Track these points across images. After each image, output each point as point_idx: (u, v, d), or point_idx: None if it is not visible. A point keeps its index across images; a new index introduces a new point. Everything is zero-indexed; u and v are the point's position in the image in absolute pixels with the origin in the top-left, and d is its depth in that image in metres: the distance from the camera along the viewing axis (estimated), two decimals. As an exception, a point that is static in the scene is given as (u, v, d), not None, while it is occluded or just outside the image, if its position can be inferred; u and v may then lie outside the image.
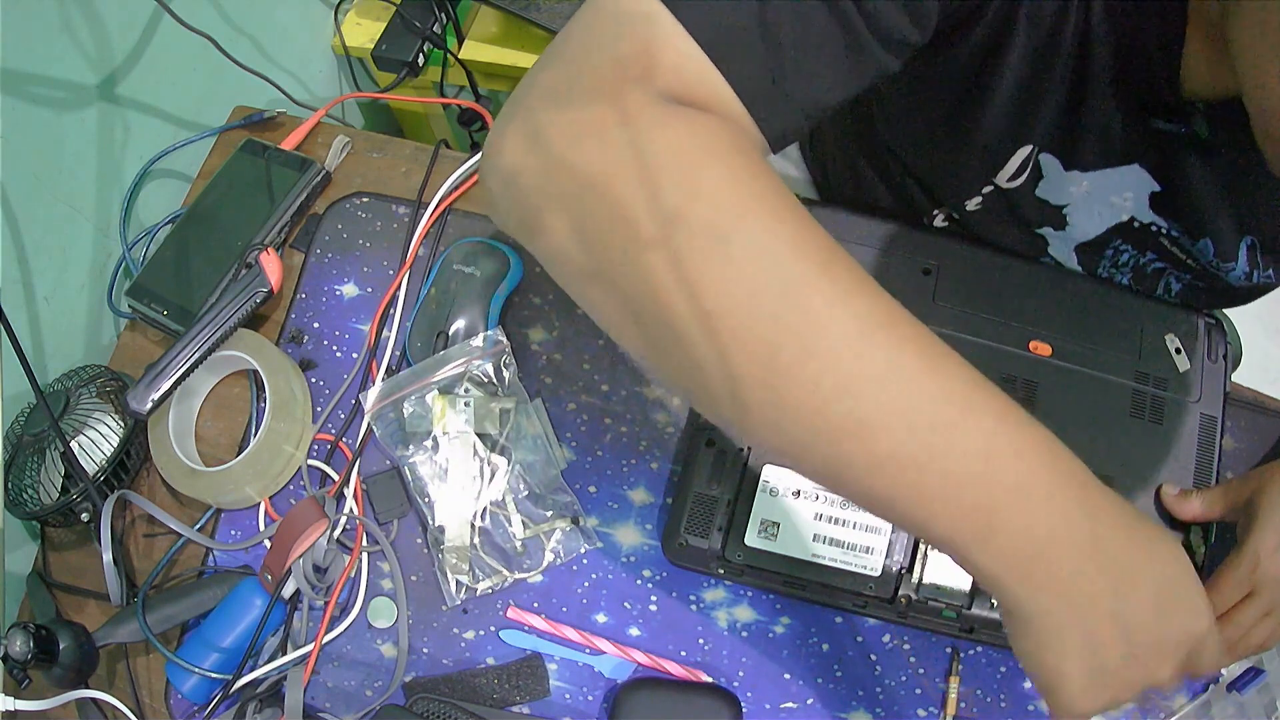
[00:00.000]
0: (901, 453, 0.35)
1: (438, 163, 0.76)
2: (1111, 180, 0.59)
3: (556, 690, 0.63)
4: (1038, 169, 0.60)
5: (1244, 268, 0.61)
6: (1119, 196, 0.60)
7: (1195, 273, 0.63)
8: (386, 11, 1.03)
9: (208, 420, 0.71)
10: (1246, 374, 0.74)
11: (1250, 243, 0.59)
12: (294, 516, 0.63)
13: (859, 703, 0.62)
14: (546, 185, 0.39)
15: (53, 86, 0.69)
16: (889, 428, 0.35)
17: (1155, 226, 0.61)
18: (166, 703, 0.64)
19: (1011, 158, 0.59)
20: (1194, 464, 0.61)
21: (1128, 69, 0.51)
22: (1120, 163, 0.57)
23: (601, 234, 0.37)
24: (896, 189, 0.73)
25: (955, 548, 0.37)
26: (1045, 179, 0.61)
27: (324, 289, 0.73)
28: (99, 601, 0.67)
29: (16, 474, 0.66)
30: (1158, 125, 0.53)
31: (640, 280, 0.37)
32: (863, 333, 0.36)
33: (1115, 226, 0.62)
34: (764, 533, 0.60)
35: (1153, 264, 0.65)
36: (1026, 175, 0.61)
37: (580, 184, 0.37)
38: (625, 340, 0.40)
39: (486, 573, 0.64)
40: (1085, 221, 0.63)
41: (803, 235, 0.37)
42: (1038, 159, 0.59)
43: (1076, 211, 0.62)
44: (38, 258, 0.70)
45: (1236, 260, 0.60)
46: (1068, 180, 0.60)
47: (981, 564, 0.37)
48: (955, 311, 0.63)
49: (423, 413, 0.66)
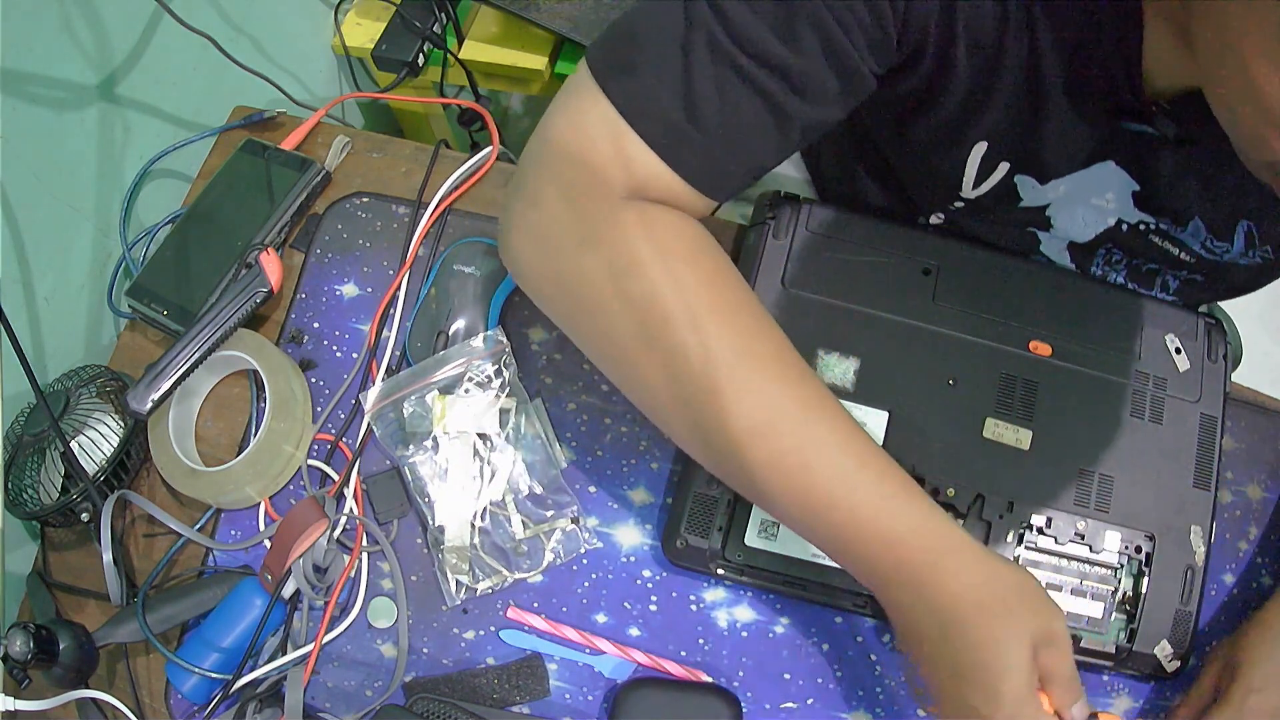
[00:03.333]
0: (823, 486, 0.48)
1: (438, 163, 0.76)
2: (1088, 181, 0.58)
3: (556, 690, 0.63)
4: (1014, 190, 0.60)
5: (1240, 249, 0.60)
6: (1101, 198, 0.60)
7: (1190, 267, 0.63)
8: (386, 11, 1.03)
9: (208, 420, 0.71)
10: (1246, 374, 0.74)
11: (1247, 227, 0.59)
12: (294, 516, 0.63)
13: (859, 703, 0.62)
14: (555, 291, 0.53)
15: (53, 86, 0.69)
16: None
17: (1143, 224, 0.61)
18: (166, 703, 0.64)
19: (969, 170, 0.60)
20: (1194, 464, 0.61)
21: (1084, 75, 0.51)
22: (1092, 161, 0.57)
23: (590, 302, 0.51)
24: (891, 191, 0.73)
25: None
26: (1024, 197, 0.61)
27: (324, 289, 0.73)
28: (99, 601, 0.67)
29: (16, 474, 0.66)
30: (1127, 127, 0.53)
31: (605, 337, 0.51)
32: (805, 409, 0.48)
33: (1105, 232, 0.62)
34: (764, 533, 0.60)
35: (1146, 265, 0.65)
36: (1001, 195, 0.61)
37: (580, 283, 0.50)
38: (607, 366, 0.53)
39: (486, 573, 0.64)
40: (1070, 225, 0.63)
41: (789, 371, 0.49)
42: (1013, 180, 0.60)
43: (1060, 213, 0.62)
44: (38, 258, 0.70)
45: (1232, 241, 0.60)
46: (1047, 188, 0.60)
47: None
48: (955, 311, 0.64)
49: (423, 413, 0.66)
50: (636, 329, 0.48)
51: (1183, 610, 0.59)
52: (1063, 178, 0.59)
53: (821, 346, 0.63)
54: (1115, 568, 0.60)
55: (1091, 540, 0.60)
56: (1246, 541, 0.65)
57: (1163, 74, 0.49)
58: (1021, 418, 0.61)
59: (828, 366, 0.62)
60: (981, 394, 0.62)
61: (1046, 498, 0.60)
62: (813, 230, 0.66)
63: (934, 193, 0.66)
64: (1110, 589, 0.59)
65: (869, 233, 0.66)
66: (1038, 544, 0.59)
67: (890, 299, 0.64)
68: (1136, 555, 0.60)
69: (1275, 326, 1.48)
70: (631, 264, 0.48)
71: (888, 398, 0.61)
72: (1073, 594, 0.59)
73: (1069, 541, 0.60)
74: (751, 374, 0.47)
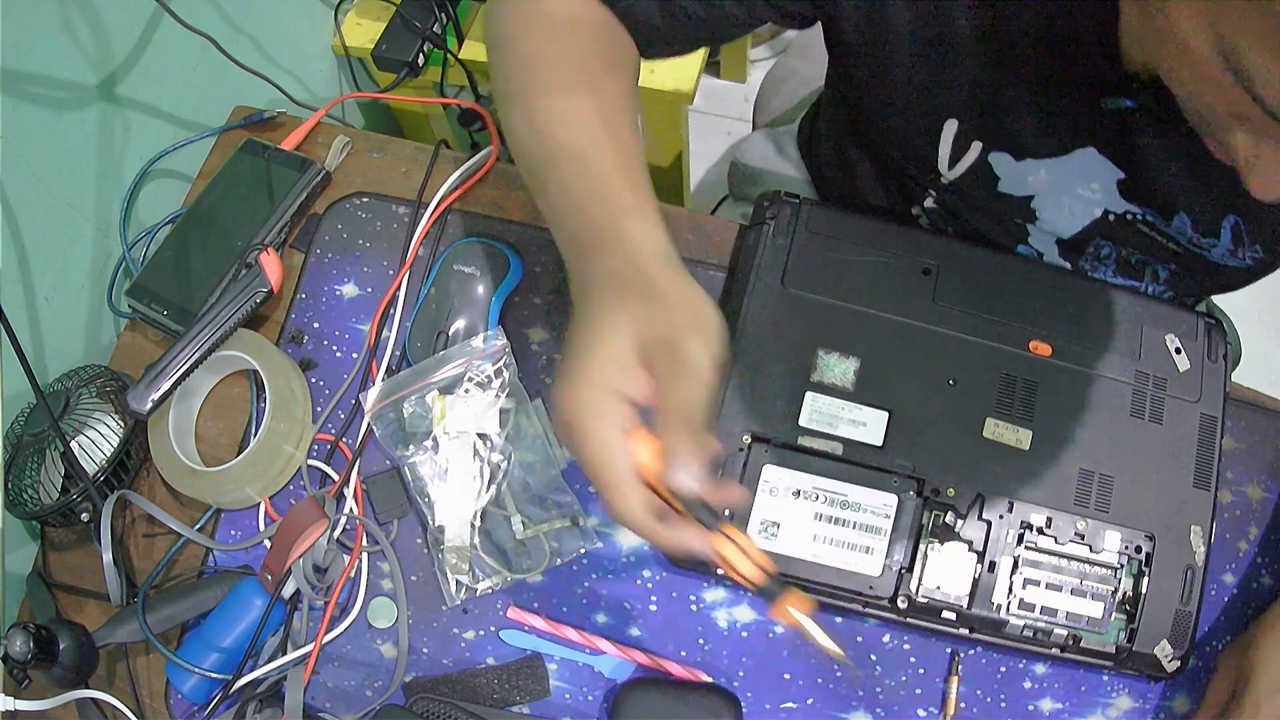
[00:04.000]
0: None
1: (438, 163, 0.76)
2: (1071, 169, 0.58)
3: (556, 690, 0.63)
4: (990, 170, 0.60)
5: (1227, 245, 0.60)
6: (1085, 188, 0.60)
7: (1179, 258, 0.63)
8: (386, 11, 1.03)
9: (208, 420, 0.71)
10: (1246, 374, 0.74)
11: (1234, 222, 0.59)
12: (294, 516, 0.63)
13: (859, 703, 0.62)
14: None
15: (53, 86, 0.69)
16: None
17: (1130, 215, 0.61)
18: (166, 703, 0.64)
19: (943, 149, 0.60)
20: (1194, 464, 0.61)
21: (1057, 46, 0.50)
22: (1072, 146, 0.57)
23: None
24: (884, 179, 0.73)
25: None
26: (1002, 179, 0.61)
27: (324, 289, 0.73)
28: (99, 601, 0.67)
29: (16, 474, 0.66)
30: (1107, 104, 0.52)
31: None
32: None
33: (1092, 224, 0.62)
34: (764, 533, 0.60)
35: (1134, 256, 0.65)
36: (977, 174, 0.61)
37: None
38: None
39: (486, 573, 0.64)
40: (1057, 217, 0.62)
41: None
42: (987, 159, 0.60)
43: (1045, 205, 0.62)
44: (38, 258, 0.70)
45: (1218, 237, 0.60)
46: (1024, 170, 0.59)
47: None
48: (955, 311, 0.64)
49: (423, 413, 0.66)
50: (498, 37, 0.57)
51: (1183, 610, 0.59)
52: (1042, 160, 0.58)
53: (821, 346, 0.63)
54: (1115, 568, 0.60)
55: (1091, 540, 0.60)
56: (1246, 541, 0.65)
57: (1139, 49, 0.48)
58: (1021, 418, 0.61)
59: (828, 366, 0.62)
60: (981, 394, 0.62)
61: (1046, 498, 0.60)
62: (812, 230, 0.66)
63: (918, 175, 0.66)
64: (1110, 589, 0.59)
65: (869, 233, 0.66)
66: (1038, 544, 0.59)
67: (890, 299, 0.64)
68: (1136, 555, 0.60)
69: (1275, 326, 1.49)
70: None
71: (888, 398, 0.62)
72: (1073, 594, 0.59)
73: (1069, 541, 0.60)
74: (552, 80, 0.54)
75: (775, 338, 0.63)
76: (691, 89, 1.02)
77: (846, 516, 0.60)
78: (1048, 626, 0.59)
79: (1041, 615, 0.59)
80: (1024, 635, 0.59)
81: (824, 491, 0.60)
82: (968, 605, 0.59)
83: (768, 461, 0.60)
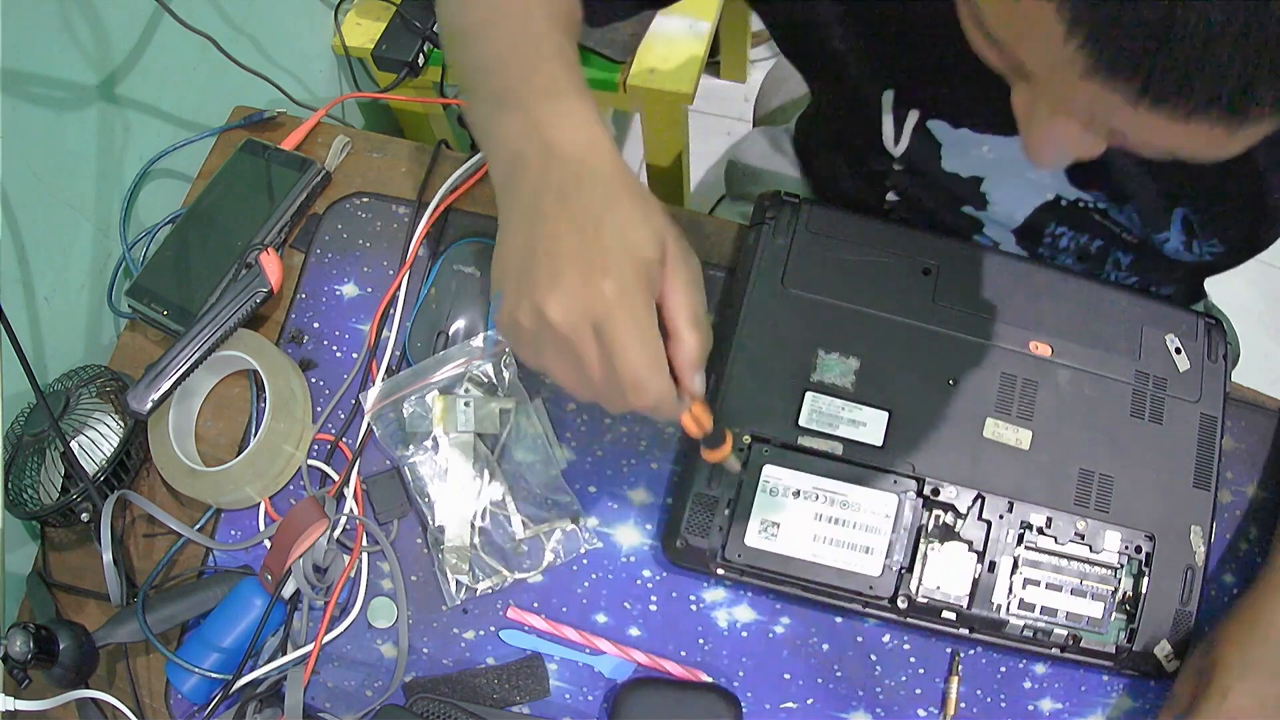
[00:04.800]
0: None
1: (438, 163, 0.76)
2: (1018, 149, 0.58)
3: (556, 690, 0.63)
4: (930, 138, 0.60)
5: (1180, 239, 0.60)
6: (1034, 170, 0.59)
7: (1137, 248, 0.63)
8: (386, 11, 1.03)
9: (208, 420, 0.71)
10: (1246, 374, 0.74)
11: (1183, 214, 0.58)
12: (294, 516, 0.63)
13: (859, 703, 0.62)
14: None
15: (53, 86, 0.69)
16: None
17: (1082, 202, 0.60)
18: (166, 703, 0.64)
19: (886, 123, 0.60)
20: (1194, 464, 0.61)
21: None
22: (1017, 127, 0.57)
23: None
24: (857, 171, 0.73)
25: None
26: (944, 146, 0.60)
27: (324, 289, 0.73)
28: (99, 601, 0.67)
29: (16, 474, 0.66)
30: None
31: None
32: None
33: (1044, 206, 0.62)
34: (764, 533, 0.60)
35: (1094, 243, 0.65)
36: (920, 146, 0.61)
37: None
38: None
39: (486, 573, 0.64)
40: (1006, 200, 0.62)
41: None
42: (925, 126, 0.60)
43: (995, 189, 0.61)
44: (38, 258, 0.70)
45: (1169, 231, 0.59)
46: (965, 142, 0.59)
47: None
48: (955, 311, 0.64)
49: (423, 413, 0.66)
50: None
51: (1183, 610, 0.59)
52: (984, 135, 0.58)
53: (821, 346, 0.63)
54: (1115, 568, 0.60)
55: (1091, 540, 0.60)
56: (1246, 541, 0.65)
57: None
58: (1021, 418, 0.61)
59: (828, 366, 0.62)
60: (981, 394, 0.62)
61: (1046, 498, 0.60)
62: (812, 230, 0.66)
63: (874, 157, 0.66)
64: (1110, 589, 0.59)
65: (868, 233, 0.66)
66: (1038, 544, 0.59)
67: (890, 299, 0.64)
68: (1136, 555, 0.60)
69: (1275, 326, 1.49)
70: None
71: (888, 398, 0.62)
72: (1073, 594, 0.59)
73: (1069, 541, 0.60)
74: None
75: (775, 338, 0.63)
76: (691, 89, 1.02)
77: (846, 516, 0.60)
78: (1048, 626, 0.59)
79: (1041, 615, 0.59)
80: (1024, 635, 0.59)
81: (824, 491, 0.60)
82: (968, 605, 0.59)
83: (768, 461, 0.60)
